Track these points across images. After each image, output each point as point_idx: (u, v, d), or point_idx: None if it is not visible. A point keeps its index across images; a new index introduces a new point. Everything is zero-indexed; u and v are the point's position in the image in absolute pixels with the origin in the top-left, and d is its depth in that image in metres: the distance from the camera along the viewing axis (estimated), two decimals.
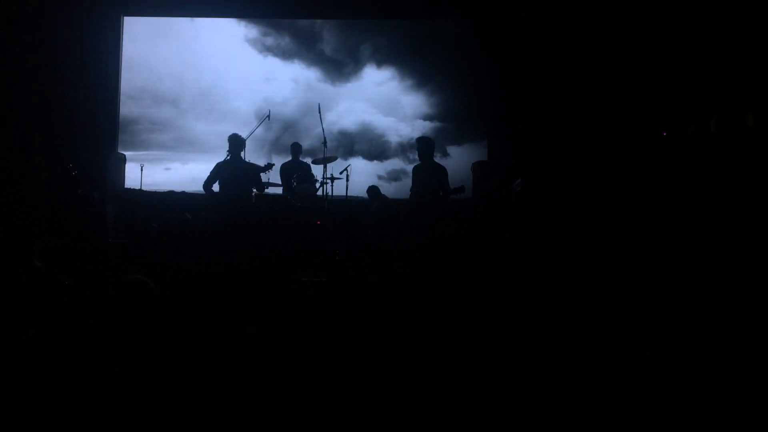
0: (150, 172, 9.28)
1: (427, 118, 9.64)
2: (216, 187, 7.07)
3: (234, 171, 7.09)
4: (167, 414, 2.52)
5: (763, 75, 6.43)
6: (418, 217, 6.94)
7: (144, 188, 8.97)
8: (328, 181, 7.84)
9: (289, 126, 9.72)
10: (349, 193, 8.01)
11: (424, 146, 7.27)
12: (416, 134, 9.10)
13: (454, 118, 9.54)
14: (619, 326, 3.39)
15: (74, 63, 8.89)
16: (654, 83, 7.64)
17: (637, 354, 2.98)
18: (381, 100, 9.72)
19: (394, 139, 9.69)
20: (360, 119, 9.73)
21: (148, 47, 9.69)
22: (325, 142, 8.02)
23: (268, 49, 9.81)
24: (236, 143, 7.15)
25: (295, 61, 9.81)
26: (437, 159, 7.64)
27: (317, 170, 8.17)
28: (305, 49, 9.80)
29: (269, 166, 7.57)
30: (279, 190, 8.20)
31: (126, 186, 9.00)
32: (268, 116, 8.48)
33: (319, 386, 2.57)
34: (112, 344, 2.93)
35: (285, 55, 9.82)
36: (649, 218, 5.49)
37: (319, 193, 7.88)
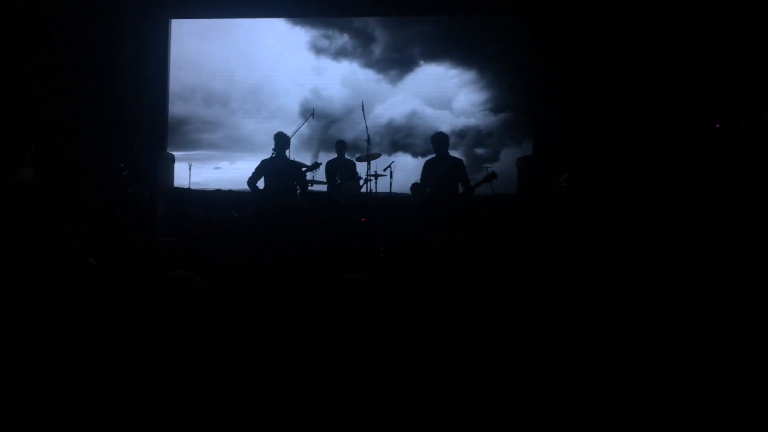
0: (198, 171, 9.50)
1: (477, 111, 9.57)
2: (261, 184, 7.20)
3: (278, 168, 7.20)
4: (187, 415, 2.57)
5: None
6: (456, 211, 6.93)
7: (192, 187, 9.20)
8: (372, 178, 7.87)
9: (336, 123, 9.77)
10: (393, 190, 8.04)
11: (441, 140, 7.29)
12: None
13: (506, 111, 9.46)
14: (631, 325, 3.33)
15: (124, 65, 9.11)
16: (703, 78, 7.44)
17: (647, 353, 2.93)
18: (430, 95, 9.67)
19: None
20: (407, 114, 9.71)
21: (199, 46, 9.79)
22: (368, 140, 8.04)
23: (317, 47, 9.86)
24: (281, 141, 7.26)
25: (344, 58, 9.84)
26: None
27: (362, 167, 8.21)
28: (355, 46, 9.82)
29: (316, 166, 7.68)
30: (324, 188, 8.27)
31: (175, 185, 9.22)
32: (312, 114, 8.58)
33: (344, 386, 2.59)
34: (153, 340, 3.01)
35: (334, 52, 9.85)
36: (692, 217, 5.35)
37: (363, 190, 7.91)
